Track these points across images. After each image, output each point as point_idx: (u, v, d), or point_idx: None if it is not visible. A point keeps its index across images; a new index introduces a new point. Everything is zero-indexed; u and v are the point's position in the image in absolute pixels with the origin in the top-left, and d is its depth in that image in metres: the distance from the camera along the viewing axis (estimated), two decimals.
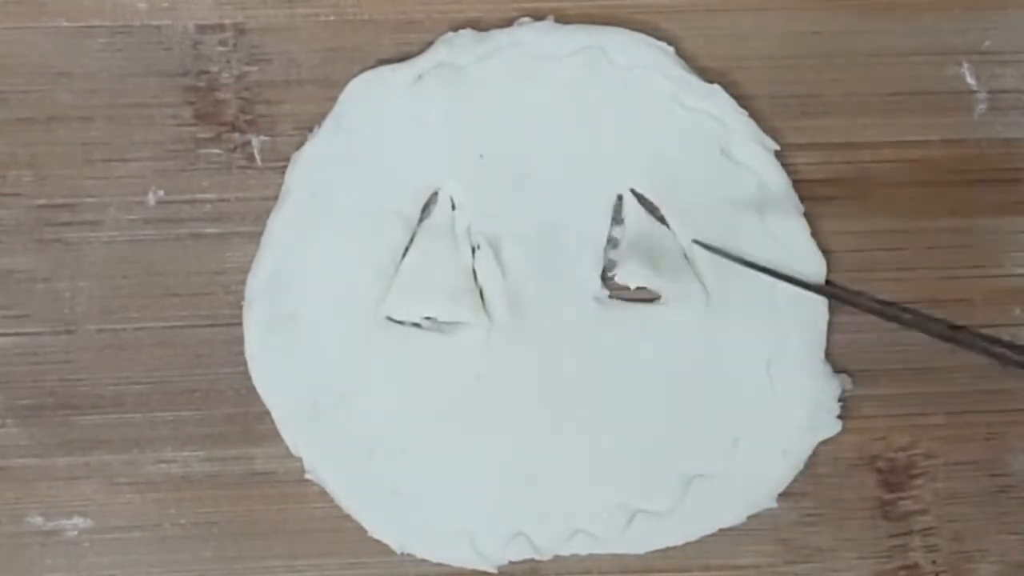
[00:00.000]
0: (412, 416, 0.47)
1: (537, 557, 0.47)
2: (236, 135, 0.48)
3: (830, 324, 0.48)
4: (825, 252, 0.48)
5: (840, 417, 0.48)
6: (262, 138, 0.48)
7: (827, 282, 0.48)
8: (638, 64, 0.48)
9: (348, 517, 0.47)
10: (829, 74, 0.50)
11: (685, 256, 0.48)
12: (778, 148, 0.48)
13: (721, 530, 0.48)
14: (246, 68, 0.48)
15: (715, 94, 0.48)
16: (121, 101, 0.48)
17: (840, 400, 0.48)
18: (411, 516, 0.47)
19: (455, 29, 0.48)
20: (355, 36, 0.49)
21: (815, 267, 0.48)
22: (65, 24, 0.48)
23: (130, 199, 0.48)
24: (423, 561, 0.48)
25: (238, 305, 0.48)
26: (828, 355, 0.48)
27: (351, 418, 0.47)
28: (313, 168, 0.47)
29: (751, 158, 0.48)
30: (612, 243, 0.48)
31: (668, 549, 0.48)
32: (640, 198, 0.48)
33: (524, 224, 0.48)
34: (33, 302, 0.48)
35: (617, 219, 0.48)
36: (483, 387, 0.47)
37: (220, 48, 0.48)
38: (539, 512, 0.47)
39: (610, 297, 0.48)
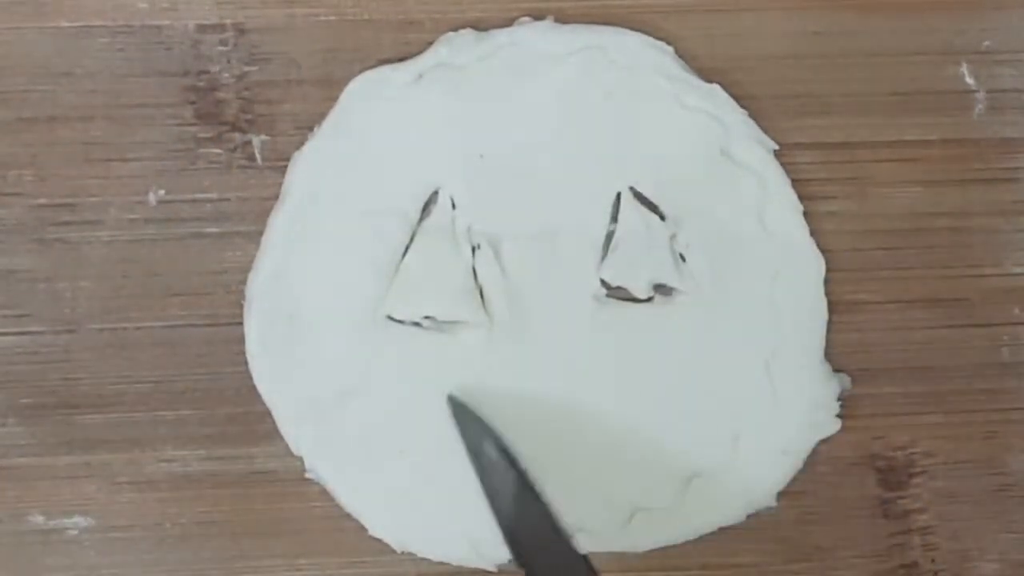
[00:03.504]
0: (412, 416, 0.47)
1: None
2: (236, 135, 0.48)
3: (830, 323, 0.48)
4: (824, 252, 0.48)
5: (839, 416, 0.48)
6: (262, 138, 0.48)
7: None
8: (638, 64, 0.48)
9: (348, 516, 0.47)
10: (829, 74, 0.50)
11: (682, 256, 0.48)
12: (777, 147, 0.49)
13: (720, 529, 0.48)
14: (246, 68, 0.49)
15: (715, 94, 0.48)
16: (122, 101, 0.48)
17: (839, 399, 0.48)
18: (411, 515, 0.47)
19: (455, 29, 0.48)
20: (355, 36, 0.49)
21: (814, 267, 0.48)
22: (66, 24, 0.48)
23: (131, 199, 0.48)
24: (423, 560, 0.48)
25: (239, 305, 0.48)
26: (827, 354, 0.48)
27: (351, 417, 0.47)
28: (313, 168, 0.47)
29: (751, 157, 0.48)
30: (611, 242, 0.48)
31: (667, 547, 0.48)
32: (640, 197, 0.48)
33: (524, 224, 0.48)
34: (34, 302, 0.48)
35: (616, 218, 0.48)
36: (483, 386, 0.47)
37: (220, 48, 0.49)
38: None
39: (609, 296, 0.48)
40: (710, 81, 0.48)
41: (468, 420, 0.46)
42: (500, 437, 0.45)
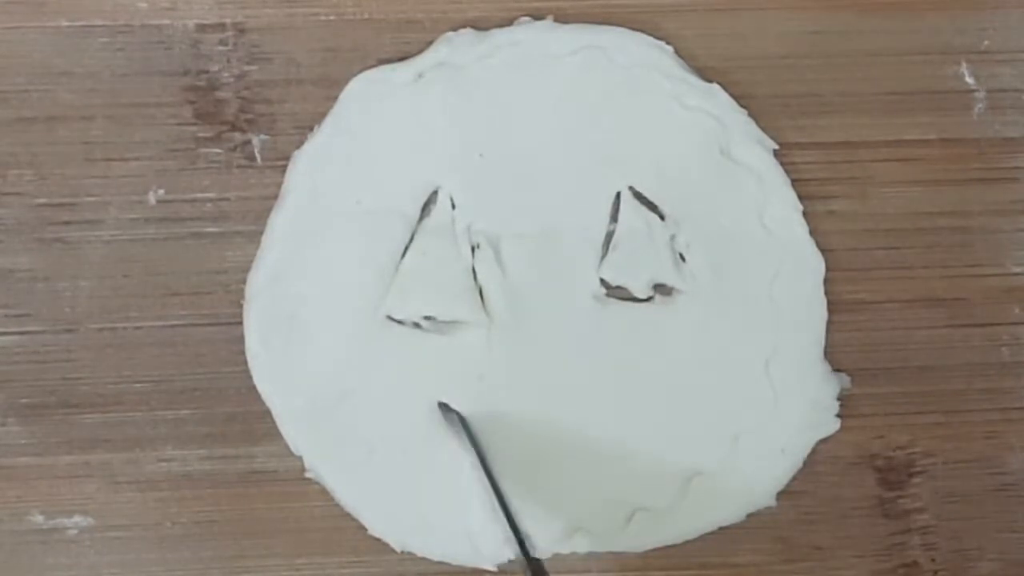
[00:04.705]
0: (412, 415, 0.47)
1: (537, 555, 0.47)
2: (236, 134, 0.48)
3: (829, 323, 0.48)
4: (824, 251, 0.48)
5: (839, 416, 0.48)
6: (262, 137, 0.49)
7: None
8: (638, 63, 0.48)
9: (348, 516, 0.48)
10: (828, 73, 0.50)
11: (681, 256, 0.48)
12: (777, 147, 0.49)
13: (720, 528, 0.48)
14: (246, 67, 0.49)
15: (714, 93, 0.48)
16: (121, 100, 0.48)
17: (839, 399, 0.48)
18: (411, 515, 0.47)
19: (455, 28, 0.48)
20: (355, 35, 0.49)
21: (814, 266, 0.48)
22: (65, 24, 0.48)
23: (131, 198, 0.48)
24: (423, 560, 0.48)
25: (238, 304, 0.48)
26: (827, 354, 0.48)
27: (351, 417, 0.47)
28: (313, 167, 0.48)
29: (750, 157, 0.48)
30: (611, 241, 0.48)
31: (667, 547, 0.48)
32: (639, 197, 0.48)
33: (524, 223, 0.48)
34: (34, 301, 0.48)
35: (615, 217, 0.48)
36: (484, 386, 0.47)
37: (220, 47, 0.49)
38: (539, 510, 0.47)
39: (609, 296, 0.48)
40: (710, 81, 0.48)
41: (455, 427, 0.47)
42: (477, 445, 0.46)
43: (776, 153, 0.48)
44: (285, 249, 0.47)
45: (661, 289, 0.48)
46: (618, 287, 0.48)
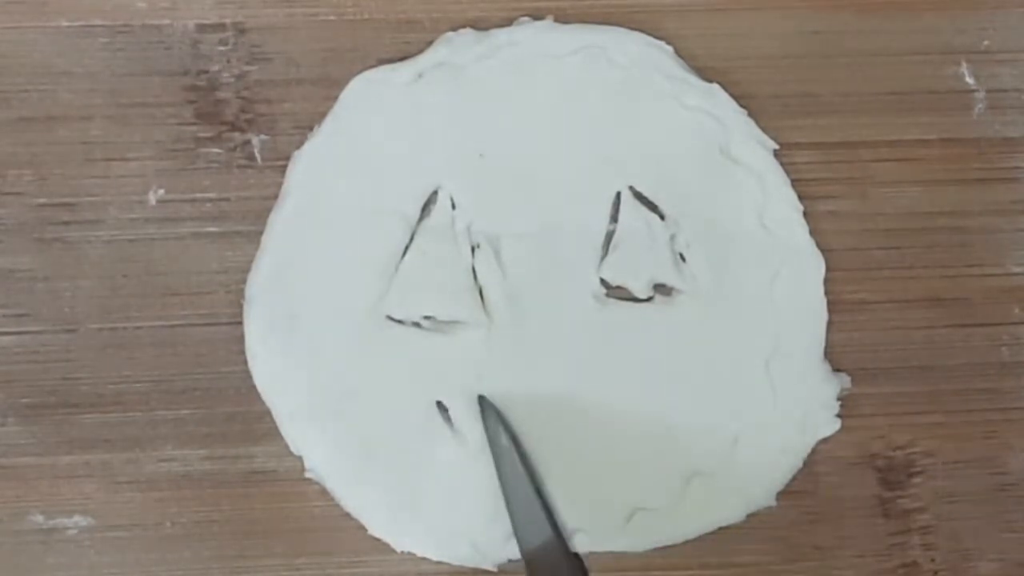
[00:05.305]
0: (412, 415, 0.47)
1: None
2: (236, 134, 0.48)
3: (829, 323, 0.48)
4: (824, 251, 0.48)
5: (839, 416, 0.48)
6: (262, 137, 0.49)
7: None
8: (637, 63, 0.48)
9: (348, 516, 0.48)
10: (828, 73, 0.50)
11: (681, 256, 0.48)
12: (777, 147, 0.49)
13: (720, 528, 0.48)
14: (246, 67, 0.49)
15: (714, 93, 0.48)
16: (121, 100, 0.48)
17: (839, 399, 0.48)
18: (411, 515, 0.47)
19: (455, 28, 0.48)
20: (355, 35, 0.49)
21: (814, 266, 0.48)
22: (65, 24, 0.48)
23: (131, 198, 0.48)
24: (423, 560, 0.48)
25: (239, 304, 0.48)
26: (827, 354, 0.48)
27: (351, 417, 0.47)
28: (313, 167, 0.48)
29: (750, 157, 0.48)
30: (611, 242, 0.48)
31: (667, 547, 0.48)
32: (639, 197, 0.48)
33: (524, 223, 0.48)
34: (34, 301, 0.48)
35: (615, 217, 0.48)
36: (483, 386, 0.47)
37: (220, 47, 0.49)
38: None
39: (608, 296, 0.48)
40: (710, 81, 0.48)
41: (489, 415, 0.47)
42: (515, 433, 0.46)
43: (776, 153, 0.49)
44: (285, 249, 0.47)
45: (661, 289, 0.48)
46: (618, 287, 0.48)
